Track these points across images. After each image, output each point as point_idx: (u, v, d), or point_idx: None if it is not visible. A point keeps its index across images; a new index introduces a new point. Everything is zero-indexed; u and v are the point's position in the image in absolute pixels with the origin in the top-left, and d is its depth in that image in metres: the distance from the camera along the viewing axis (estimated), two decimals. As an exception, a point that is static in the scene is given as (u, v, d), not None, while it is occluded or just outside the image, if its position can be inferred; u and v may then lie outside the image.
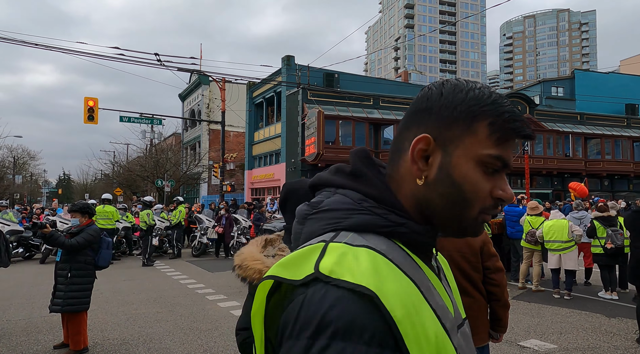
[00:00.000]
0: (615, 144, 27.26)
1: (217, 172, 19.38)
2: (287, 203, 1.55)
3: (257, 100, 28.36)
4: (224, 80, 18.85)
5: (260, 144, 28.02)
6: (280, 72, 24.47)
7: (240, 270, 1.22)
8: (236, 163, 32.07)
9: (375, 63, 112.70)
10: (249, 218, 13.72)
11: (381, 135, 23.04)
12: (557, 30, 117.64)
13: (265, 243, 1.34)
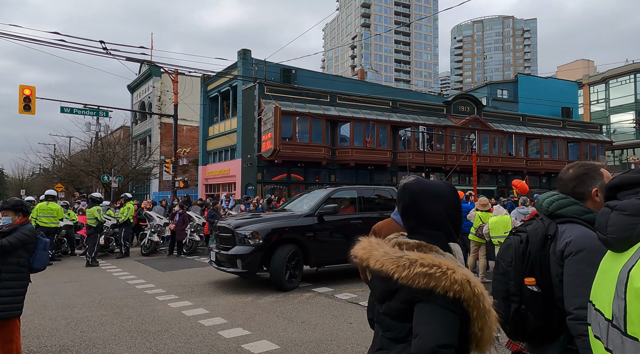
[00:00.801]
0: (552, 144, 29.36)
1: (169, 167, 18.66)
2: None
3: (211, 94, 27.60)
4: (176, 72, 18.14)
5: (215, 139, 27.32)
6: (236, 65, 23.96)
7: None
8: (189, 158, 31.06)
9: (333, 60, 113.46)
10: (203, 215, 13.35)
11: (338, 132, 23.24)
12: (502, 36, 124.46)
13: (399, 245, 1.38)
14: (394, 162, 24.27)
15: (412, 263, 1.26)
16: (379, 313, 1.43)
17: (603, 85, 42.42)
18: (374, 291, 1.50)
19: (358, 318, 5.39)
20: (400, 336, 1.34)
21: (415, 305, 1.27)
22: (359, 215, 7.97)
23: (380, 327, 1.44)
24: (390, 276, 1.28)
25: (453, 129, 25.68)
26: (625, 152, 40.05)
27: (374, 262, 1.34)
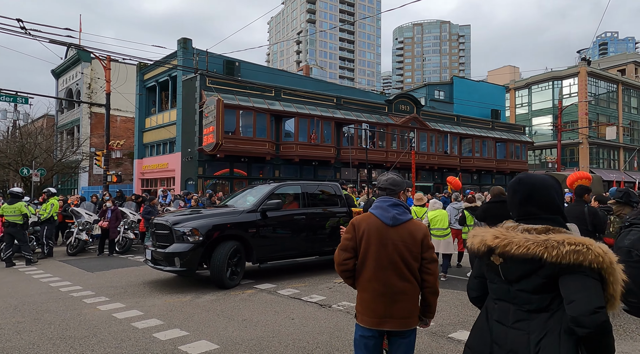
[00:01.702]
0: (483, 144, 31.51)
1: (100, 160, 17.37)
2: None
3: (148, 84, 26.10)
4: (109, 58, 16.89)
5: (152, 131, 25.90)
6: (175, 55, 22.87)
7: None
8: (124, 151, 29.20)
9: (278, 54, 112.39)
10: (138, 212, 12.61)
11: (282, 127, 23.09)
12: (440, 40, 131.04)
13: (527, 231, 1.63)
14: (338, 158, 24.63)
15: (560, 243, 1.51)
16: (515, 290, 1.64)
17: (526, 90, 46.30)
18: (505, 273, 1.67)
19: (300, 313, 5.40)
20: (542, 307, 1.59)
21: (560, 278, 1.52)
22: (302, 211, 7.97)
23: (514, 302, 1.66)
24: (539, 257, 1.52)
25: (394, 127, 26.60)
26: (544, 152, 44.13)
27: (517, 247, 1.57)
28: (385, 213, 2.55)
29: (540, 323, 1.57)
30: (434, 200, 8.08)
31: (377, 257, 2.50)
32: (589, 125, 40.44)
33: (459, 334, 4.57)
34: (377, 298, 2.50)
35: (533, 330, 1.59)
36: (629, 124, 45.71)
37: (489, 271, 1.79)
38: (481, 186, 31.02)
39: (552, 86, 43.86)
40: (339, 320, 5.08)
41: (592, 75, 42.34)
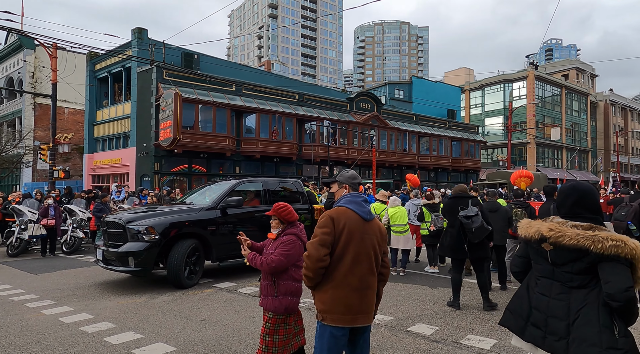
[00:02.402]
0: (439, 142, 32.60)
1: (45, 154, 16.25)
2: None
3: (100, 74, 24.75)
4: (55, 45, 15.81)
5: (104, 125, 24.60)
6: (130, 45, 21.82)
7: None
8: (72, 145, 27.57)
9: (239, 49, 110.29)
10: (88, 209, 11.94)
11: (243, 123, 22.70)
12: (399, 40, 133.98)
13: (575, 226, 2.12)
14: (300, 154, 24.57)
15: (604, 239, 2.00)
16: (561, 271, 2.14)
17: (480, 92, 48.42)
18: (557, 259, 2.15)
19: (261, 311, 5.32)
20: (582, 284, 2.08)
21: (599, 264, 2.01)
22: (264, 208, 7.85)
23: (557, 280, 2.16)
24: (586, 248, 2.01)
25: (355, 125, 26.91)
26: (496, 150, 46.40)
27: (569, 239, 2.05)
28: (362, 208, 2.59)
29: (580, 296, 2.08)
30: (393, 197, 8.24)
31: (356, 252, 2.51)
32: (536, 126, 42.97)
33: (417, 327, 4.69)
34: (351, 293, 2.49)
35: (574, 301, 2.08)
36: (571, 126, 49.05)
37: (536, 254, 2.29)
38: (438, 184, 32.10)
39: (504, 88, 46.16)
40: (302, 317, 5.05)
41: (539, 79, 44.97)
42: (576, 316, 2.05)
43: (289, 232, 3.16)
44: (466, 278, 7.34)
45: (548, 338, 2.12)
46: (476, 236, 5.34)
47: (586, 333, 2.00)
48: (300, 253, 3.11)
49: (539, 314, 2.18)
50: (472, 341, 4.26)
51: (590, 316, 2.01)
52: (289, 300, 3.08)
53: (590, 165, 51.28)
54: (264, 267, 3.07)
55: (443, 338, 4.37)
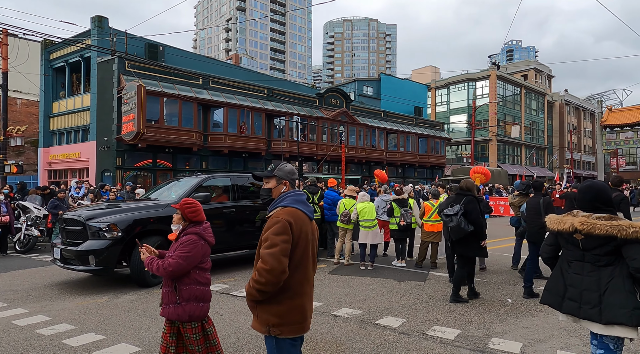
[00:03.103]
0: (407, 139, 33.26)
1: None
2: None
3: (56, 64, 23.48)
4: (5, 32, 14.83)
5: (61, 117, 23.39)
6: (89, 33, 20.81)
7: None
8: (26, 138, 26.07)
9: (206, 41, 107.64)
10: (44, 206, 11.33)
11: (210, 117, 22.22)
12: (368, 37, 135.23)
13: (599, 218, 2.61)
14: (269, 150, 24.37)
15: (627, 227, 2.49)
16: (590, 254, 2.65)
17: (445, 90, 49.75)
18: (587, 245, 2.64)
19: (230, 308, 5.26)
20: (609, 263, 2.60)
21: (624, 246, 2.52)
22: (232, 204, 7.75)
23: (587, 261, 2.67)
24: (614, 236, 2.51)
25: (324, 120, 26.97)
26: (460, 147, 47.91)
27: (599, 230, 2.54)
28: (308, 207, 2.41)
29: (608, 272, 2.61)
30: (362, 193, 8.33)
31: (311, 255, 2.37)
32: (498, 124, 44.67)
33: (385, 320, 4.77)
34: (307, 300, 2.34)
35: (603, 276, 2.61)
36: (530, 124, 51.35)
37: (567, 243, 2.79)
38: (405, 179, 32.78)
39: (468, 87, 47.64)
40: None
41: (500, 78, 46.72)
42: (605, 287, 2.60)
43: (189, 231, 2.88)
44: (432, 271, 7.55)
45: (583, 307, 2.65)
46: (453, 235, 5.49)
47: (615, 299, 2.55)
48: (203, 253, 2.86)
49: (573, 289, 2.72)
50: (437, 331, 4.40)
51: (617, 287, 2.57)
52: (193, 307, 2.79)
53: (546, 162, 53.96)
54: (160, 272, 2.74)
55: (410, 329, 4.47)
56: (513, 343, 4.08)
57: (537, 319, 4.86)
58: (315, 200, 8.45)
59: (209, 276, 3.01)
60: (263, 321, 2.26)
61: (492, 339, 4.16)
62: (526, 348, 3.96)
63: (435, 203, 7.77)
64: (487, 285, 6.50)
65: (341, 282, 6.72)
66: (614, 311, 2.54)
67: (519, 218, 7.69)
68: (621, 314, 2.50)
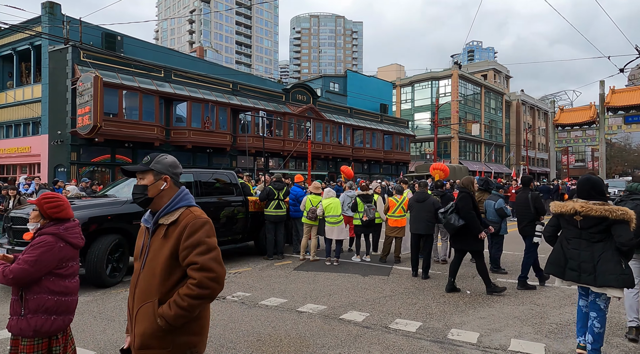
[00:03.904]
0: (372, 136, 33.71)
1: None
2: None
3: (3, 52, 21.97)
4: (-56, 15, 13.66)
5: (8, 109, 21.93)
6: (39, 20, 19.58)
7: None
8: (-31, 131, 24.22)
9: (168, 33, 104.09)
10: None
11: (173, 111, 21.55)
12: (335, 33, 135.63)
13: (595, 203, 3.45)
14: (234, 145, 23.98)
15: (616, 210, 3.25)
16: (589, 232, 3.41)
17: (410, 88, 50.80)
18: (585, 225, 3.42)
19: (192, 307, 5.13)
20: (600, 239, 3.35)
21: (613, 225, 3.29)
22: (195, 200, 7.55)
23: (583, 238, 3.44)
24: (606, 217, 3.28)
25: (291, 116, 26.84)
26: (424, 144, 49.16)
27: (595, 212, 3.30)
28: (199, 206, 2.12)
29: (600, 247, 3.39)
30: (328, 189, 8.37)
31: None
32: (459, 122, 46.18)
33: (349, 315, 4.82)
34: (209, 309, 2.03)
35: (596, 250, 3.39)
36: (489, 123, 53.44)
37: (568, 223, 3.56)
38: (371, 175, 33.25)
39: (431, 85, 48.87)
40: (233, 312, 4.96)
41: (462, 78, 48.26)
42: (598, 259, 3.38)
43: (45, 231, 2.48)
44: (395, 266, 7.71)
45: (582, 275, 3.43)
46: (447, 230, 5.84)
47: (606, 268, 3.32)
48: (61, 257, 2.45)
49: (573, 261, 3.50)
50: (399, 324, 4.49)
51: (607, 258, 3.35)
52: (41, 320, 2.38)
53: (504, 159, 56.42)
54: (0, 279, 2.34)
55: (373, 323, 4.55)
56: (471, 333, 4.24)
57: (493, 309, 5.07)
58: (280, 196, 8.39)
59: (71, 284, 2.54)
60: (181, 346, 1.82)
61: (451, 331, 4.30)
62: (483, 338, 4.12)
63: (399, 198, 7.92)
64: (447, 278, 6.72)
65: (306, 278, 6.72)
66: (605, 277, 3.31)
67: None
68: (611, 279, 3.29)
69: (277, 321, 4.61)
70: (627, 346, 3.92)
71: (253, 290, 5.97)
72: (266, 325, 4.48)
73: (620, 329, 4.31)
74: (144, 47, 23.15)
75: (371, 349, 3.85)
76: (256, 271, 7.22)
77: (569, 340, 4.06)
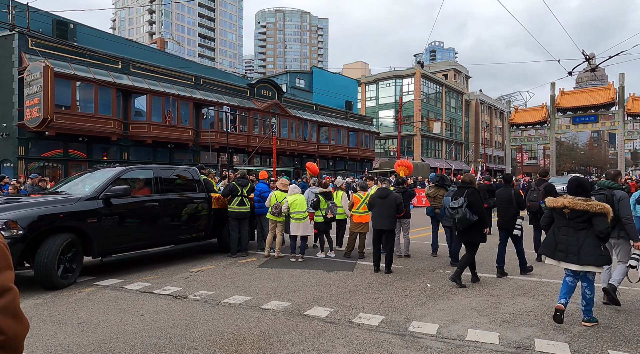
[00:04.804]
0: (338, 132, 33.95)
1: None
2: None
3: (-60, 36, 20.18)
4: None
5: (-53, 99, 20.21)
6: (-18, 3, 18.17)
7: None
8: None
9: (126, 22, 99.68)
10: None
11: (132, 105, 20.71)
12: (300, 29, 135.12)
13: (579, 199, 4.35)
14: (197, 141, 23.40)
15: (596, 205, 4.14)
16: (575, 222, 4.27)
17: (375, 85, 51.54)
18: (572, 216, 4.27)
19: (151, 308, 4.97)
20: (584, 228, 4.24)
21: (593, 217, 4.16)
22: (155, 197, 7.30)
23: (571, 227, 4.31)
24: (587, 210, 4.16)
25: (256, 112, 26.51)
26: (387, 141, 50.09)
27: (579, 206, 4.18)
28: None
29: (583, 233, 4.22)
30: (293, 185, 8.34)
31: None
32: (422, 120, 47.40)
33: (313, 311, 4.84)
34: None
35: (580, 236, 4.23)
36: (450, 121, 55.23)
37: (559, 215, 4.40)
38: (336, 172, 33.50)
39: (395, 84, 49.81)
40: (195, 311, 4.85)
41: (424, 77, 49.53)
42: (582, 243, 4.25)
43: None
44: (359, 261, 7.81)
45: (568, 256, 4.31)
46: (460, 225, 5.94)
47: (588, 250, 4.20)
48: None
49: (562, 245, 4.38)
50: (363, 319, 4.56)
51: (589, 243, 4.22)
52: None
53: (463, 156, 58.56)
54: None
55: (337, 318, 4.58)
56: (431, 325, 4.37)
57: (452, 301, 5.25)
58: (244, 193, 8.27)
59: None
60: None
61: (412, 323, 4.42)
62: (442, 329, 4.26)
63: (363, 195, 8.02)
64: (409, 272, 6.89)
65: (271, 275, 6.68)
66: (587, 258, 4.19)
67: (434, 208, 8.26)
68: (591, 260, 4.18)
69: (240, 319, 4.55)
70: (573, 331, 4.19)
71: (216, 288, 5.86)
72: (229, 323, 4.41)
73: (567, 317, 4.59)
74: (99, 37, 22.07)
75: (334, 344, 3.88)
76: (219, 269, 7.09)
77: (521, 328, 4.28)
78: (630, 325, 4.39)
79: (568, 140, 74.52)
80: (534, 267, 7.04)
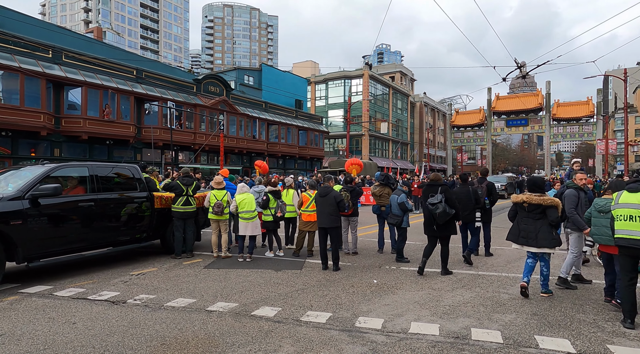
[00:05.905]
0: (287, 131, 33.85)
1: None
2: None
3: None
4: None
5: None
6: None
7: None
8: None
9: (58, 8, 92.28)
10: None
11: (64, 97, 19.22)
12: (250, 26, 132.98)
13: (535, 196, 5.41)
14: (138, 137, 22.23)
15: (547, 199, 5.24)
16: (533, 214, 5.30)
17: (324, 85, 51.99)
18: (530, 209, 5.32)
19: (85, 315, 4.64)
20: (540, 218, 5.28)
21: (547, 209, 5.23)
22: (91, 196, 6.82)
23: (530, 218, 5.33)
24: (541, 204, 5.24)
25: (203, 108, 25.70)
26: (337, 141, 50.76)
27: (535, 201, 5.26)
28: None
29: (539, 223, 5.26)
30: (241, 184, 8.17)
31: None
32: (370, 120, 48.57)
33: (261, 311, 4.78)
34: None
35: (537, 225, 5.26)
36: (396, 122, 57.11)
37: (520, 208, 5.41)
38: (286, 170, 33.38)
39: (344, 84, 50.58)
40: (135, 316, 4.60)
41: (372, 78, 50.77)
42: (538, 230, 5.21)
43: None
44: (308, 259, 7.84)
45: (529, 240, 5.27)
46: (440, 219, 6.32)
47: (543, 235, 5.18)
48: None
49: (524, 232, 5.32)
50: (310, 317, 4.57)
51: (545, 229, 5.19)
52: None
53: (409, 156, 60.84)
54: None
55: (285, 317, 4.56)
56: (376, 319, 4.49)
57: (397, 296, 5.43)
58: (189, 192, 7.98)
59: None
60: None
61: (358, 319, 4.51)
62: (387, 323, 4.39)
63: (312, 194, 8.05)
64: (357, 269, 7.02)
65: (217, 276, 6.51)
66: (542, 241, 5.18)
67: (380, 206, 8.50)
68: (546, 243, 5.17)
69: (184, 322, 4.39)
70: (504, 320, 4.50)
71: (158, 291, 5.60)
72: (172, 328, 4.23)
73: (500, 307, 4.92)
74: (26, 23, 20.23)
75: (282, 343, 3.86)
76: (162, 272, 6.78)
77: (459, 319, 4.52)
78: (553, 312, 4.81)
79: (502, 141, 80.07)
80: (473, 262, 7.48)
